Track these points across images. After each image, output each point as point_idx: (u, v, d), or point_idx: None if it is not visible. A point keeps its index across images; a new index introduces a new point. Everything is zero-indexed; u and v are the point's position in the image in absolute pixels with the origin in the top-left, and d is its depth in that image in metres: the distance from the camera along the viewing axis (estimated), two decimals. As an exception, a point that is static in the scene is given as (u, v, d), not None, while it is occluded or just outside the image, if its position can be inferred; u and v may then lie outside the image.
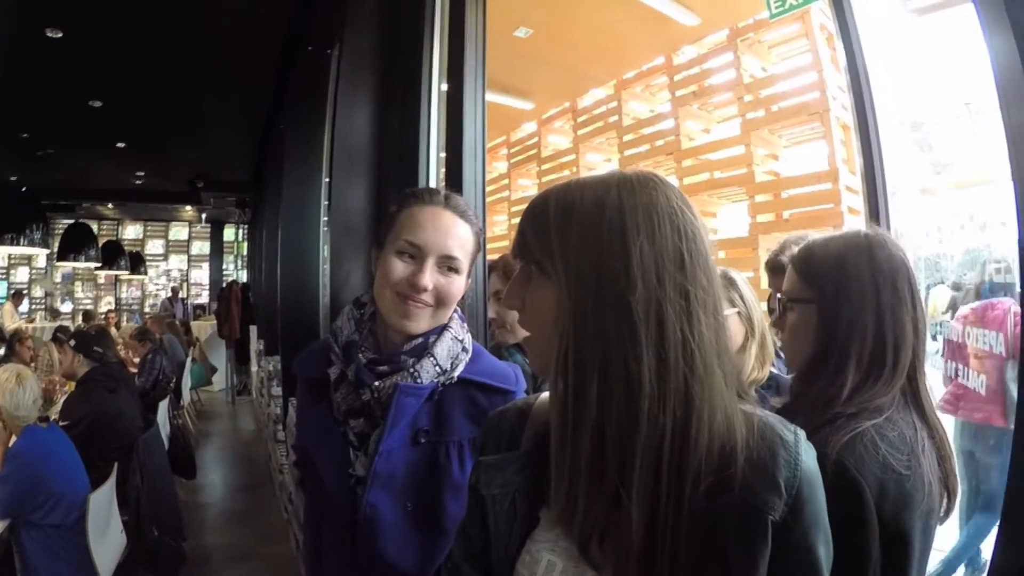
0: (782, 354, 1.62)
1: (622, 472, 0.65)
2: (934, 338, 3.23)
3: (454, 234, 1.09)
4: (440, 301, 1.09)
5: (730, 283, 1.60)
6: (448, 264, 1.09)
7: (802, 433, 0.68)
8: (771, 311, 1.21)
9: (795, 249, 1.17)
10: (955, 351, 2.86)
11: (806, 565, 0.65)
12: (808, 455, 0.67)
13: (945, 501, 0.98)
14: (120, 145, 7.37)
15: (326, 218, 3.65)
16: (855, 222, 4.12)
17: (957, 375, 2.81)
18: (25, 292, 11.71)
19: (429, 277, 1.07)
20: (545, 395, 0.79)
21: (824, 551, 0.66)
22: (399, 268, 1.07)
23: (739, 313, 1.58)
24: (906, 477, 0.90)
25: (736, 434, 0.65)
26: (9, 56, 4.59)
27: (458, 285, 1.11)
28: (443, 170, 2.15)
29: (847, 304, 1.01)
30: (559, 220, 0.69)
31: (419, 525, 1.08)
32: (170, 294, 12.01)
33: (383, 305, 1.10)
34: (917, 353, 1.02)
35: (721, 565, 0.63)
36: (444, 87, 2.18)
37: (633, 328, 0.64)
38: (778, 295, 1.15)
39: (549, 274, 0.70)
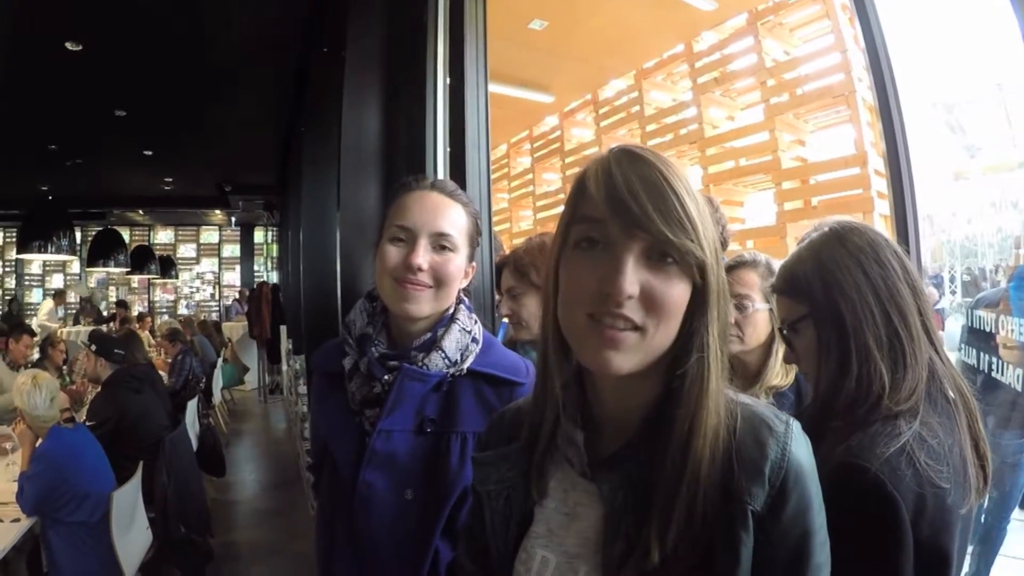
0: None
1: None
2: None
3: (442, 212, 1.10)
4: (438, 280, 1.08)
5: (771, 274, 1.50)
6: (440, 242, 1.09)
7: (795, 423, 0.65)
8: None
9: None
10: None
11: (793, 557, 0.62)
12: (799, 446, 0.64)
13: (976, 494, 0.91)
14: (147, 153, 7.49)
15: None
16: (884, 207, 4.00)
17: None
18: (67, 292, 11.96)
19: (422, 255, 1.06)
20: None
21: (815, 543, 0.63)
22: (393, 253, 1.08)
23: (771, 310, 1.47)
24: (947, 492, 0.84)
25: (723, 427, 0.64)
26: (33, 70, 4.68)
27: (456, 264, 1.10)
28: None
29: (842, 296, 0.96)
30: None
31: (417, 516, 1.06)
32: (237, 296, 12.18)
33: (384, 294, 1.10)
34: (925, 314, 0.97)
35: (705, 556, 0.61)
36: (449, 81, 2.16)
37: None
38: (780, 330, 1.09)
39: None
